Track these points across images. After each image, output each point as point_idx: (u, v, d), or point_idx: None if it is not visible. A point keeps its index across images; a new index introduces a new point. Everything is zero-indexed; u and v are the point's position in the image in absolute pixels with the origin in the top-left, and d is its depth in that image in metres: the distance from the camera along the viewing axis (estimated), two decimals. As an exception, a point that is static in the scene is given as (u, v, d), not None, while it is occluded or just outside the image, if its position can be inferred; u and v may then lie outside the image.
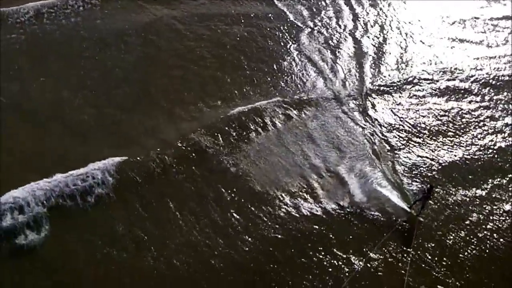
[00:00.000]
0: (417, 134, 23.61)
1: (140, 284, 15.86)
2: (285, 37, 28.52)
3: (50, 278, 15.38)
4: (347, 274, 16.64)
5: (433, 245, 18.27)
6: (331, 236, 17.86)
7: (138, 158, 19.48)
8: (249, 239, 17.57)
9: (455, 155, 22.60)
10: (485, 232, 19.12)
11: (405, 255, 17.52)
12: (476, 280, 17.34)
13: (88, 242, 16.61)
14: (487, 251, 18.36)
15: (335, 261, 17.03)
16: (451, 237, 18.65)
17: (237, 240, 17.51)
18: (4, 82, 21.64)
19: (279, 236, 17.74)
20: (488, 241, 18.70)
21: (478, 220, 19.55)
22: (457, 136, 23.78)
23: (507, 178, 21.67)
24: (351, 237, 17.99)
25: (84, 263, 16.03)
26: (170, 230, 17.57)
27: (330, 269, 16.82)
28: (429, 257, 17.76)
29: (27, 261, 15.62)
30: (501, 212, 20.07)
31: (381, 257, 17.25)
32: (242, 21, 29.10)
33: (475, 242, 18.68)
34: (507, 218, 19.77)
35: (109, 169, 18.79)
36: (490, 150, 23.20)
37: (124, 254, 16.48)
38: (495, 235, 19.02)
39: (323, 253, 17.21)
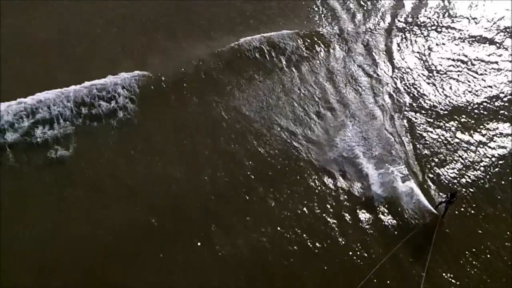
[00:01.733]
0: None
1: (149, 189, 17.41)
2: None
3: (75, 189, 17.09)
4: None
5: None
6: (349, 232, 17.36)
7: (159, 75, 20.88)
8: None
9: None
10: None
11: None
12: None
13: (109, 160, 18.16)
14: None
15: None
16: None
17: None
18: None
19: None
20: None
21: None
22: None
23: None
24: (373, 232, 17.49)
25: (106, 176, 17.63)
26: (181, 144, 19.01)
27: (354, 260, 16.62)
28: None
29: (56, 173, 17.39)
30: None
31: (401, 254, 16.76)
32: None
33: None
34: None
35: (131, 83, 20.39)
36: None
37: (140, 168, 18.04)
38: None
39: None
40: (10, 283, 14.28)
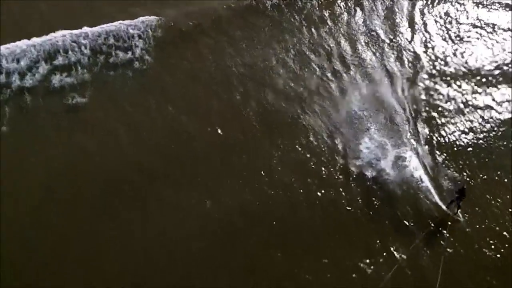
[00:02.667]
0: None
1: (159, 137, 17.88)
2: None
3: (89, 135, 17.53)
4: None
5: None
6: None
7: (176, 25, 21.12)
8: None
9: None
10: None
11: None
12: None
13: (123, 108, 18.52)
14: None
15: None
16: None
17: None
18: None
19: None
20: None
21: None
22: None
23: None
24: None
25: (119, 124, 18.04)
26: (194, 96, 19.42)
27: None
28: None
29: (71, 119, 17.82)
30: None
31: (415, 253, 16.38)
32: None
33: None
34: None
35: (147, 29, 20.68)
36: None
37: (153, 117, 18.47)
38: None
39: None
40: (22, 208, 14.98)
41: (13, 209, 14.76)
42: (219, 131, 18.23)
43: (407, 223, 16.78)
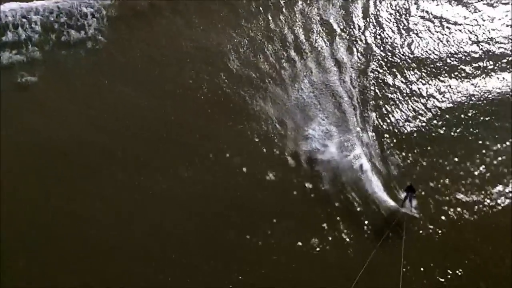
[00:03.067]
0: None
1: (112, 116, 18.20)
2: None
3: (40, 116, 17.64)
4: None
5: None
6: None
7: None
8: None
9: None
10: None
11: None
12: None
13: (75, 87, 18.65)
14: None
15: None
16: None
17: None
18: None
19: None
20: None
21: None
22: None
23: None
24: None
25: (70, 104, 18.18)
26: (148, 75, 19.70)
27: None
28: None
29: (21, 98, 17.84)
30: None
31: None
32: None
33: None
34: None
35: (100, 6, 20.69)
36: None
37: (105, 96, 18.78)
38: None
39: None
40: None
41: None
42: (171, 111, 18.61)
43: (354, 208, 17.46)
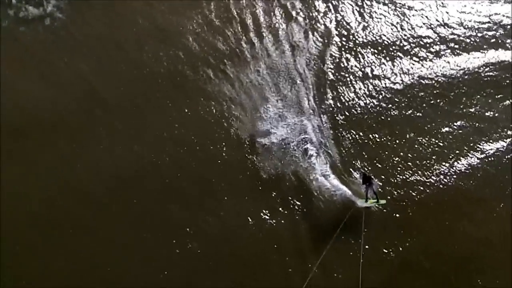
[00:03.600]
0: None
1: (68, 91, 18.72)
2: None
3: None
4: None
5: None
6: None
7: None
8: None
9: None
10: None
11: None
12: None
13: (31, 67, 18.97)
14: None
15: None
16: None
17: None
18: None
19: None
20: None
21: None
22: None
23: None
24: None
25: (27, 82, 18.55)
26: (105, 54, 20.15)
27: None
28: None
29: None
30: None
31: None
32: None
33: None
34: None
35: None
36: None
37: (54, 76, 19.09)
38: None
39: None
40: None
41: None
42: (126, 90, 19.08)
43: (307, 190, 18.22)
